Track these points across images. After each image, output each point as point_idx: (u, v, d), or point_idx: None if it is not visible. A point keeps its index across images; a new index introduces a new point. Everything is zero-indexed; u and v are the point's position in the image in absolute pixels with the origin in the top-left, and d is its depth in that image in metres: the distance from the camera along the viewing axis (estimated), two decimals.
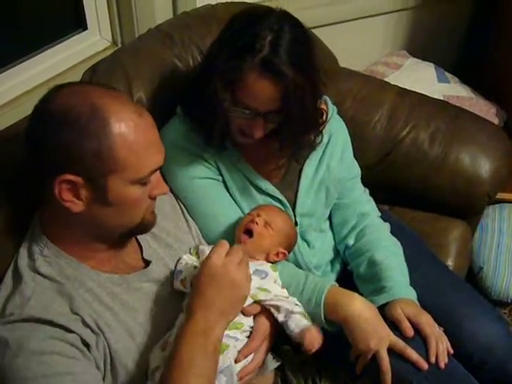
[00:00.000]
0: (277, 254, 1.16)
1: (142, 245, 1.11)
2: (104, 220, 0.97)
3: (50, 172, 0.90)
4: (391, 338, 1.07)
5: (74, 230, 0.98)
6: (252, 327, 1.07)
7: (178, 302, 1.06)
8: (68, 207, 0.92)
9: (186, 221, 1.22)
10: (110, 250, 1.05)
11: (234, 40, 1.06)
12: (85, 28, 1.59)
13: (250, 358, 1.05)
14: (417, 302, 1.18)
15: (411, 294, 1.19)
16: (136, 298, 1.04)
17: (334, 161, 1.30)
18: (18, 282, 0.95)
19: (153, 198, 1.02)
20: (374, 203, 1.40)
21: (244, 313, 1.05)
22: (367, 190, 1.43)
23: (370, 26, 2.15)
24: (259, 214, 1.16)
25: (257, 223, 1.14)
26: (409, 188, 1.62)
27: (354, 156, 1.40)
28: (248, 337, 1.06)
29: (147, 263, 1.09)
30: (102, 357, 0.95)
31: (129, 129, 0.91)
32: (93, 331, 0.94)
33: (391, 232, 1.35)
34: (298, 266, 1.30)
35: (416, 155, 1.60)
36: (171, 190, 1.22)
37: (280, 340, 1.24)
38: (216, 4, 1.54)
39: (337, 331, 1.10)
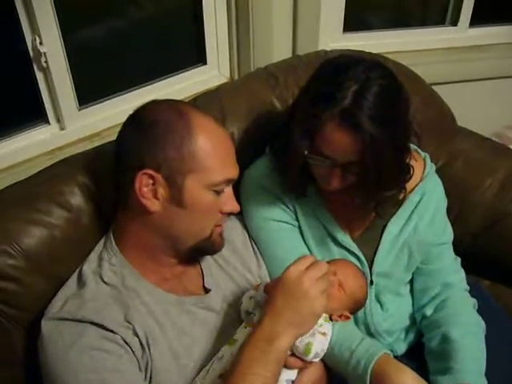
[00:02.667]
0: (340, 316, 1.10)
1: (205, 273, 1.13)
2: (176, 223, 1.01)
3: (133, 167, 0.98)
4: None
5: (145, 238, 1.03)
6: (293, 382, 1.02)
7: (229, 335, 1.05)
8: (145, 205, 0.98)
9: (257, 260, 1.22)
10: (174, 268, 1.09)
11: (318, 87, 1.05)
12: (205, 63, 1.69)
13: None
14: None
15: (481, 382, 1.07)
16: (187, 321, 1.05)
17: (422, 222, 1.21)
18: (81, 286, 1.01)
19: (223, 214, 1.06)
20: (463, 275, 1.28)
21: (286, 364, 1.00)
22: (458, 259, 1.31)
23: (505, 87, 2.00)
24: (336, 272, 1.11)
25: (333, 282, 1.08)
26: None
27: (454, 220, 1.30)
28: None
29: (207, 292, 1.11)
30: (143, 368, 0.97)
31: (210, 135, 1.00)
32: (141, 343, 0.97)
33: (478, 310, 1.22)
34: (367, 327, 1.24)
35: None
36: (246, 229, 1.24)
37: None
38: (331, 50, 1.55)
39: None
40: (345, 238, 1.21)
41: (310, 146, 1.06)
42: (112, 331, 0.94)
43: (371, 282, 1.23)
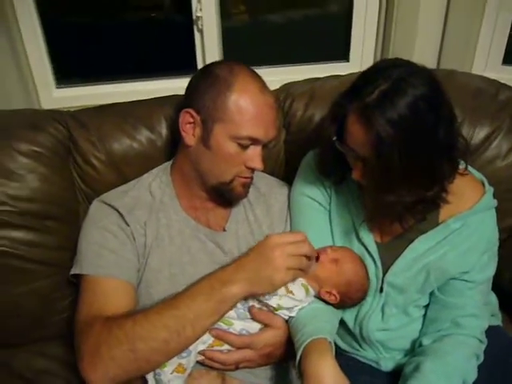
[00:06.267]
0: (328, 293, 1.16)
1: (231, 218, 1.27)
2: (202, 160, 1.18)
3: (185, 105, 1.17)
4: None
5: (185, 167, 1.23)
6: (248, 332, 1.12)
7: None
8: (184, 137, 1.18)
9: (285, 228, 1.29)
10: (204, 202, 1.26)
11: (357, 80, 1.07)
12: (347, 60, 1.81)
13: (225, 346, 1.12)
14: None
15: None
16: (196, 245, 1.22)
17: (453, 252, 1.16)
18: (133, 187, 1.27)
19: (248, 168, 1.18)
20: (482, 324, 1.18)
21: (252, 313, 1.12)
22: (488, 309, 1.21)
23: None
24: (336, 249, 1.18)
25: (327, 254, 1.16)
26: None
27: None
28: None
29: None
30: (141, 261, 1.18)
31: (246, 96, 1.13)
32: (145, 243, 1.18)
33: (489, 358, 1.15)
34: (361, 329, 1.26)
35: None
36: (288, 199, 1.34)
37: None
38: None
39: None
40: (368, 239, 1.21)
41: (339, 134, 1.10)
42: (127, 224, 1.18)
43: (381, 290, 1.22)
